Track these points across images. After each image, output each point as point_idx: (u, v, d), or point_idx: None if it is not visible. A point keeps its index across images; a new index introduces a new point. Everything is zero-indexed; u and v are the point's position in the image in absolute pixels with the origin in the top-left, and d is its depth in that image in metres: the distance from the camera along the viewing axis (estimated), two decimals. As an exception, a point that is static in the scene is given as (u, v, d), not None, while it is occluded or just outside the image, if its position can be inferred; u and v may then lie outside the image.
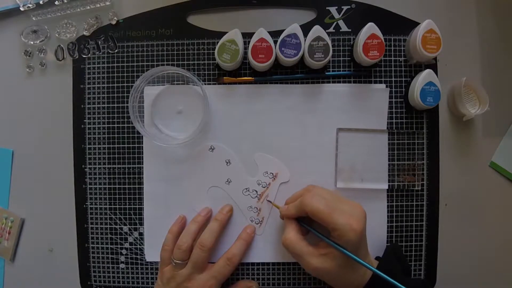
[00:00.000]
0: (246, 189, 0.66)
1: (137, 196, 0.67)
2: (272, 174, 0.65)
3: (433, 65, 0.64)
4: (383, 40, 0.60)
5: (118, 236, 0.67)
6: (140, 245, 0.67)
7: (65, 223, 0.68)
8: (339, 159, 0.65)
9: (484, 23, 0.66)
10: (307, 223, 0.59)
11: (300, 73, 0.65)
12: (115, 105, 0.67)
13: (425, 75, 0.60)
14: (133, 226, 0.67)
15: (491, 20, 0.66)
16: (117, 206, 0.67)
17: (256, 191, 0.65)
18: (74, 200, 0.67)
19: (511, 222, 0.66)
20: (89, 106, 0.67)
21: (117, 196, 0.67)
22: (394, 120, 0.65)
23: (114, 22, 0.67)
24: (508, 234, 0.66)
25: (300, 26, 0.61)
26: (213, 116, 0.65)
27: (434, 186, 0.65)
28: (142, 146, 0.66)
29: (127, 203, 0.67)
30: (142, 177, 0.66)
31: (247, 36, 0.63)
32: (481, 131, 0.66)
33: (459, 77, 0.63)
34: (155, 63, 0.66)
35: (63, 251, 0.68)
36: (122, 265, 0.67)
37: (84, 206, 0.67)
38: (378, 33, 0.60)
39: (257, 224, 0.65)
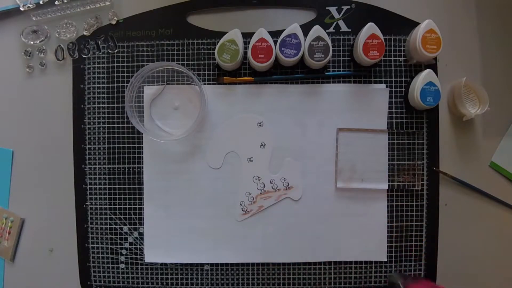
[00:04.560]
0: (258, 177, 0.66)
1: (137, 196, 0.67)
2: (288, 184, 0.65)
3: (433, 65, 0.64)
4: (383, 40, 0.60)
5: (118, 236, 0.67)
6: (140, 245, 0.67)
7: (65, 223, 0.68)
8: (339, 159, 0.65)
9: (484, 23, 0.66)
10: None
11: (300, 73, 0.65)
12: (115, 105, 0.67)
13: (425, 75, 0.60)
14: (133, 226, 0.67)
15: (491, 20, 0.66)
16: (117, 206, 0.67)
17: (264, 185, 0.66)
18: (74, 200, 0.67)
19: (511, 222, 0.66)
20: (89, 106, 0.67)
21: (117, 196, 0.67)
22: (394, 120, 0.65)
23: (114, 22, 0.66)
24: (508, 234, 0.66)
25: (300, 26, 0.61)
26: (213, 116, 0.66)
27: (434, 186, 0.65)
28: (142, 146, 0.66)
29: (127, 203, 0.67)
30: (142, 177, 0.66)
31: (247, 36, 0.63)
32: (481, 131, 0.66)
33: (459, 77, 0.63)
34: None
35: (63, 251, 0.68)
36: (122, 265, 0.67)
37: (84, 206, 0.67)
38: (378, 33, 0.60)
39: (243, 211, 0.66)
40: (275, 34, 0.62)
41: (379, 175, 0.65)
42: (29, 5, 0.66)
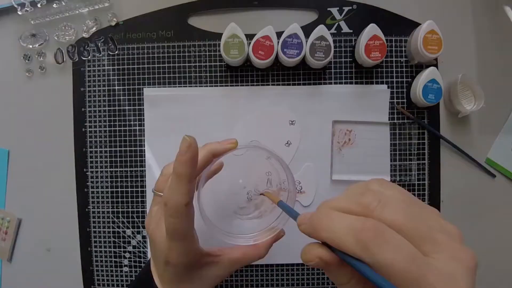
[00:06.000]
0: (268, 173, 0.65)
1: (139, 199, 0.66)
2: (301, 187, 0.65)
3: (433, 65, 0.64)
4: (384, 41, 0.60)
5: (121, 240, 0.67)
6: (143, 248, 0.66)
7: (67, 227, 0.67)
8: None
9: (482, 22, 0.67)
10: None
11: (301, 73, 0.65)
12: (116, 108, 0.66)
13: (429, 73, 0.61)
14: (136, 230, 0.66)
15: (487, 18, 0.67)
16: (120, 210, 0.66)
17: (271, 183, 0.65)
18: (76, 204, 0.67)
19: (507, 218, 0.67)
20: (89, 109, 0.66)
21: (119, 199, 0.66)
22: (395, 121, 0.65)
23: (113, 24, 0.66)
24: (505, 231, 0.67)
25: (302, 27, 0.61)
26: (214, 116, 0.65)
27: (435, 185, 0.66)
28: (144, 150, 0.66)
29: (130, 206, 0.66)
30: (145, 180, 0.66)
31: (248, 37, 0.63)
32: (477, 128, 0.67)
33: (455, 74, 0.64)
34: (156, 65, 0.66)
35: (66, 255, 0.67)
36: (125, 268, 0.67)
37: (87, 210, 0.67)
38: (380, 34, 0.60)
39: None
40: (276, 35, 0.62)
41: (379, 174, 0.65)
42: (26, 8, 0.65)
